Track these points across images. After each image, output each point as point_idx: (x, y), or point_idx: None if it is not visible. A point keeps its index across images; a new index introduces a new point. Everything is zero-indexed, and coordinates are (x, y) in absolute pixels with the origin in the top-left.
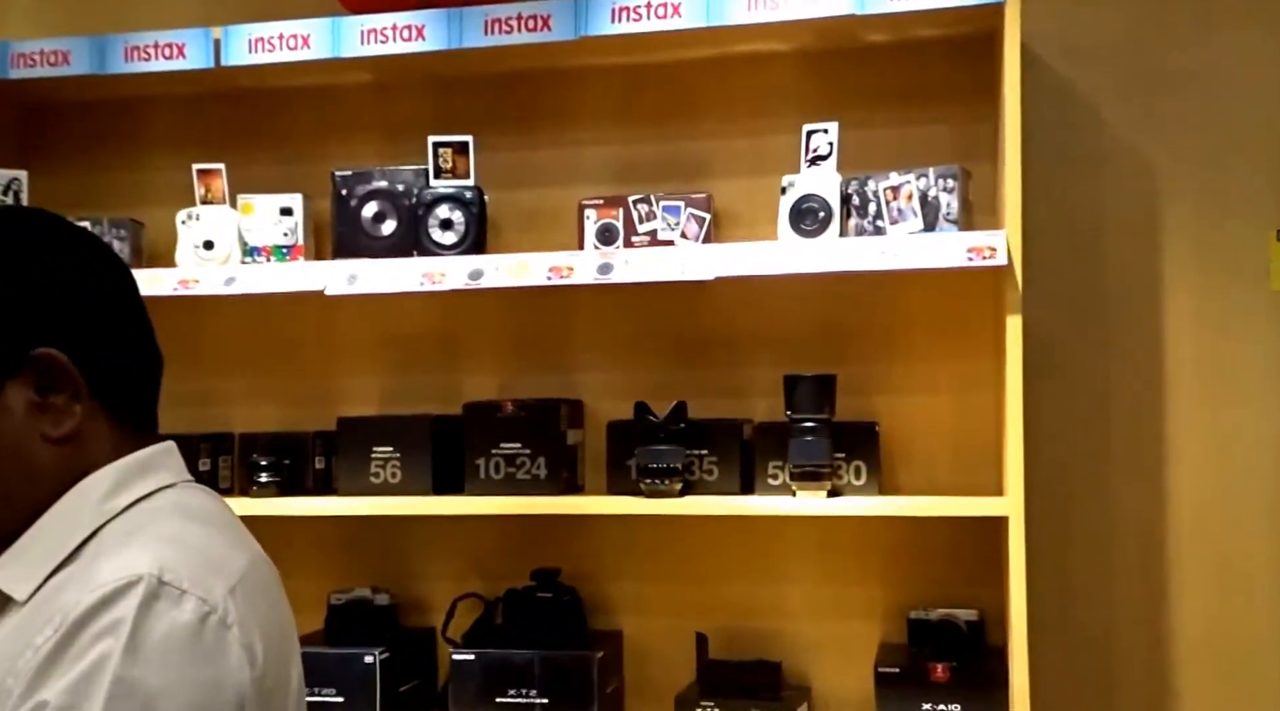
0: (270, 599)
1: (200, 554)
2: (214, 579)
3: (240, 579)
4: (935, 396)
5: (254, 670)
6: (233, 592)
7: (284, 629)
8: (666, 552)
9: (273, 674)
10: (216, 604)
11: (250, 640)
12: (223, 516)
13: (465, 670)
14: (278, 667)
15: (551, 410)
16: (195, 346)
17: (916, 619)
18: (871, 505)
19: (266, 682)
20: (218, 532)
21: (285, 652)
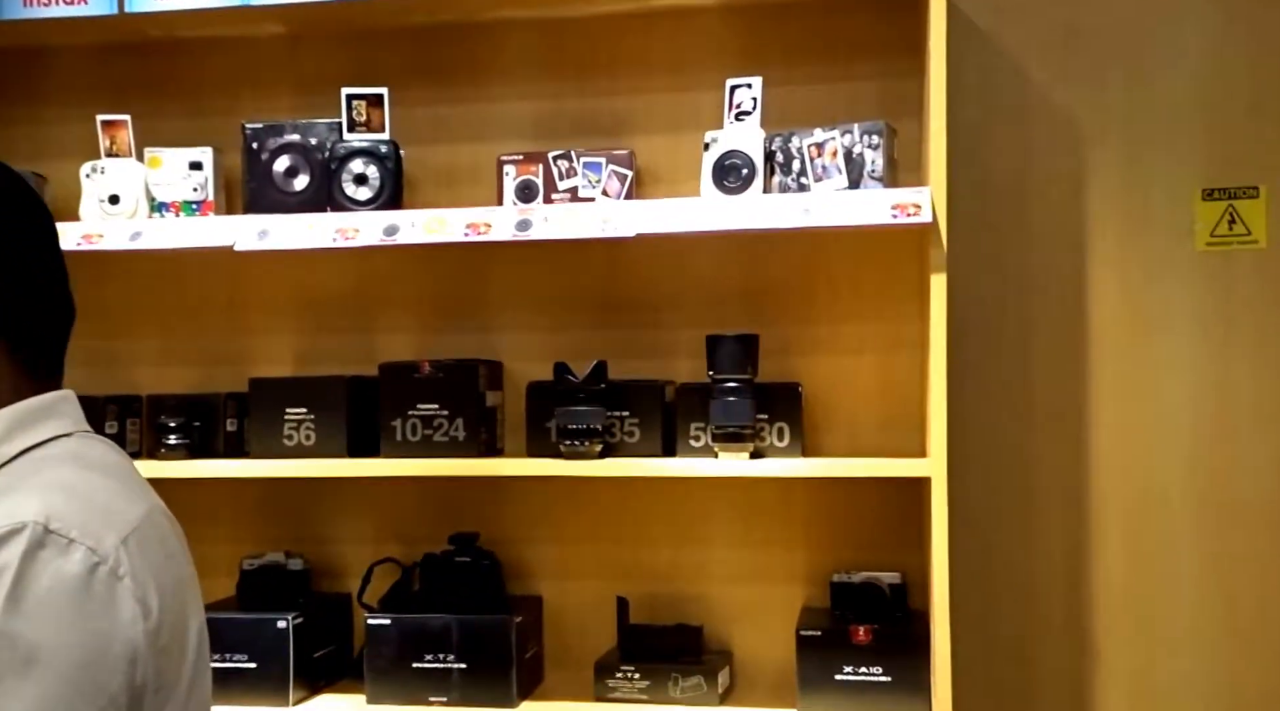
0: (168, 551)
1: (92, 502)
2: (105, 528)
3: (134, 529)
4: (860, 357)
5: (147, 623)
6: (125, 543)
7: (182, 583)
8: (587, 516)
9: (169, 629)
10: (107, 554)
11: (144, 593)
12: (121, 467)
13: (381, 635)
14: (174, 623)
15: (470, 371)
16: (101, 305)
17: (839, 582)
18: (794, 467)
19: (161, 638)
20: (114, 483)
21: (183, 607)
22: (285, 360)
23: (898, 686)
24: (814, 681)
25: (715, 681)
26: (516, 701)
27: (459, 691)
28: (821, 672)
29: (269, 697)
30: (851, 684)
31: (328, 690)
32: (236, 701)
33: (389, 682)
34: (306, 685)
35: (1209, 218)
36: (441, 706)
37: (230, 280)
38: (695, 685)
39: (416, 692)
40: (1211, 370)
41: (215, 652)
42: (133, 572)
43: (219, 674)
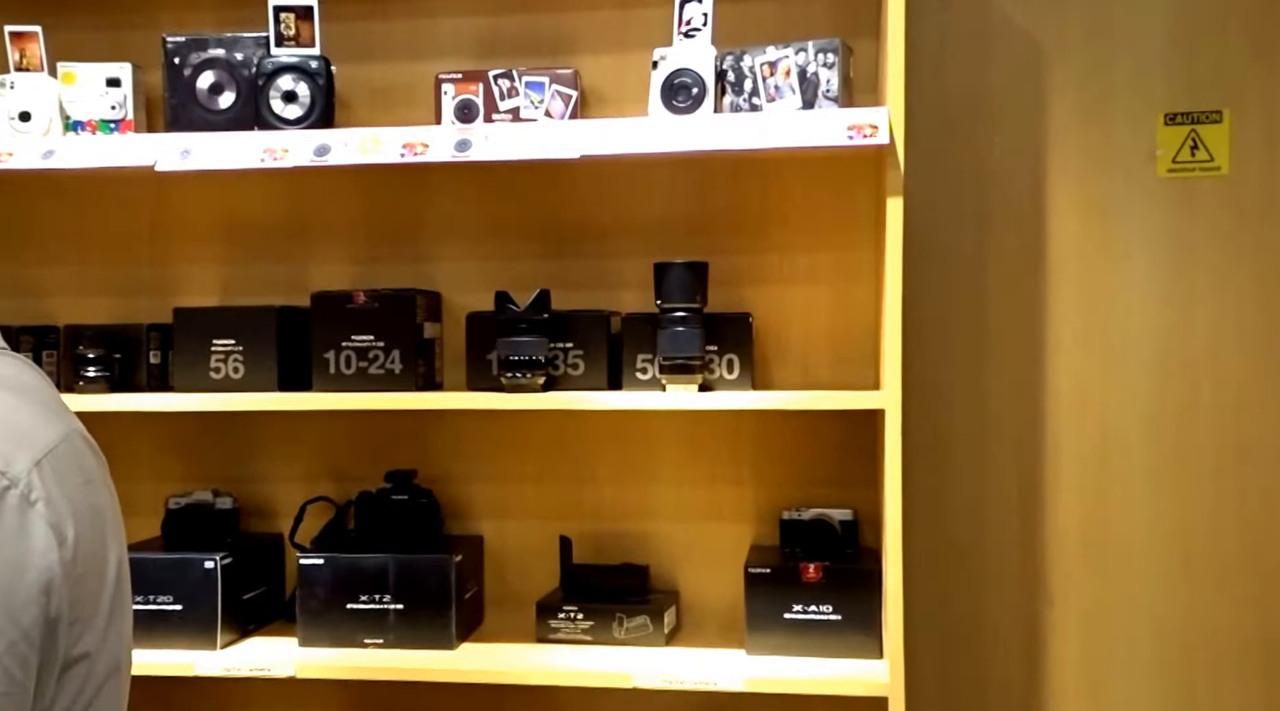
0: (86, 476)
1: (3, 423)
2: (17, 450)
3: (49, 452)
4: (812, 288)
5: (62, 552)
6: (39, 466)
7: (101, 511)
8: (529, 453)
9: (86, 559)
10: (18, 477)
11: (59, 519)
12: (39, 388)
13: (314, 575)
14: (92, 552)
15: (406, 301)
16: (16, 232)
17: (789, 519)
18: (745, 400)
19: (78, 567)
20: (28, 403)
21: (101, 536)
22: (212, 290)
23: (848, 625)
24: (762, 620)
25: (661, 621)
26: (455, 642)
27: (395, 633)
28: (770, 611)
29: (196, 640)
30: (801, 622)
31: (258, 633)
32: (162, 644)
33: (322, 624)
34: (236, 628)
35: (1171, 143)
36: (377, 648)
37: (153, 206)
38: (640, 625)
39: (351, 634)
40: (1173, 300)
41: (139, 594)
42: (47, 498)
43: (143, 616)
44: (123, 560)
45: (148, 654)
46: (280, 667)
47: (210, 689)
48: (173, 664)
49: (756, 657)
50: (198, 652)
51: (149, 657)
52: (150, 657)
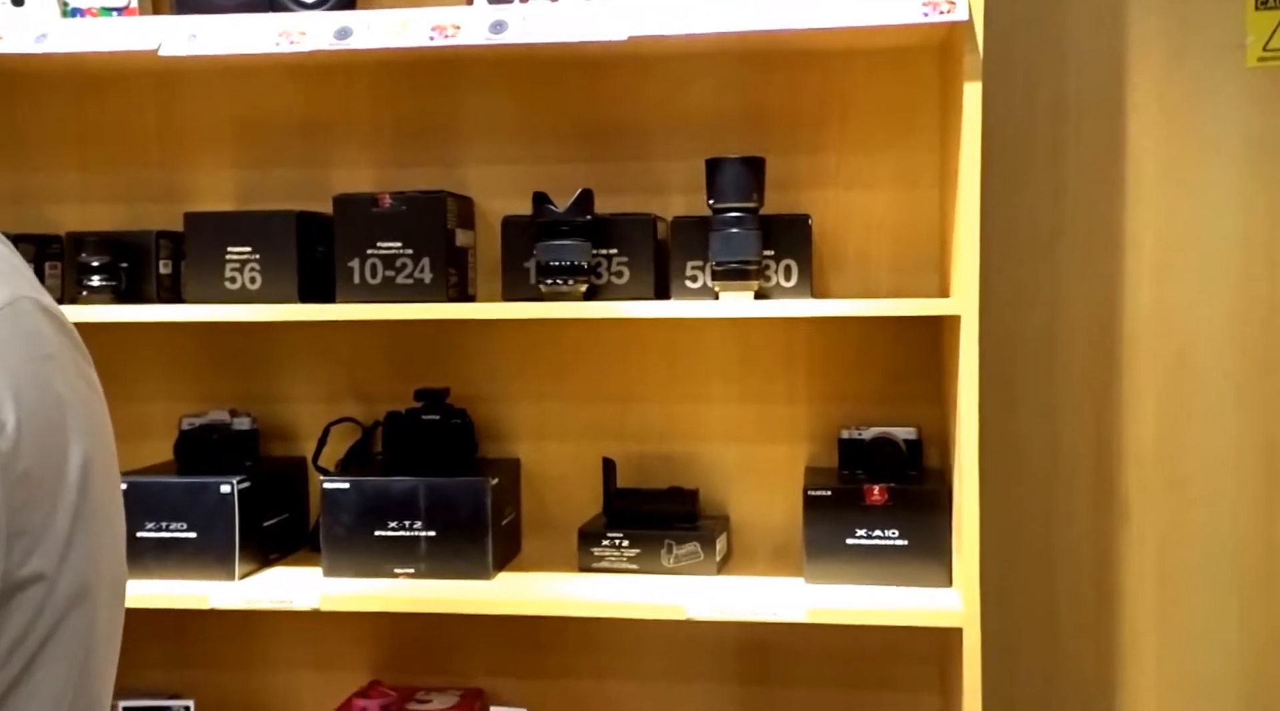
0: (41, 352)
1: None
2: None
3: None
4: (872, 192)
5: (1, 441)
6: None
7: (62, 401)
8: (569, 370)
9: (32, 452)
10: None
11: None
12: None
13: (339, 500)
14: (43, 445)
15: (436, 203)
16: (14, 133)
17: (848, 438)
18: (807, 307)
19: (20, 462)
20: None
21: (60, 429)
22: (226, 195)
23: (915, 551)
24: (822, 546)
25: (713, 548)
26: (492, 572)
27: (427, 562)
28: (831, 536)
29: (213, 570)
30: (864, 548)
31: (280, 562)
32: (176, 574)
33: (348, 553)
34: (255, 557)
35: (1262, 29)
36: (408, 578)
37: (160, 105)
38: (690, 552)
39: (379, 563)
40: (1261, 199)
41: (151, 521)
42: None
43: (155, 544)
44: (96, 463)
45: (160, 585)
46: (303, 599)
47: (229, 622)
48: (187, 596)
49: (816, 587)
50: (215, 583)
51: (161, 589)
52: (163, 589)
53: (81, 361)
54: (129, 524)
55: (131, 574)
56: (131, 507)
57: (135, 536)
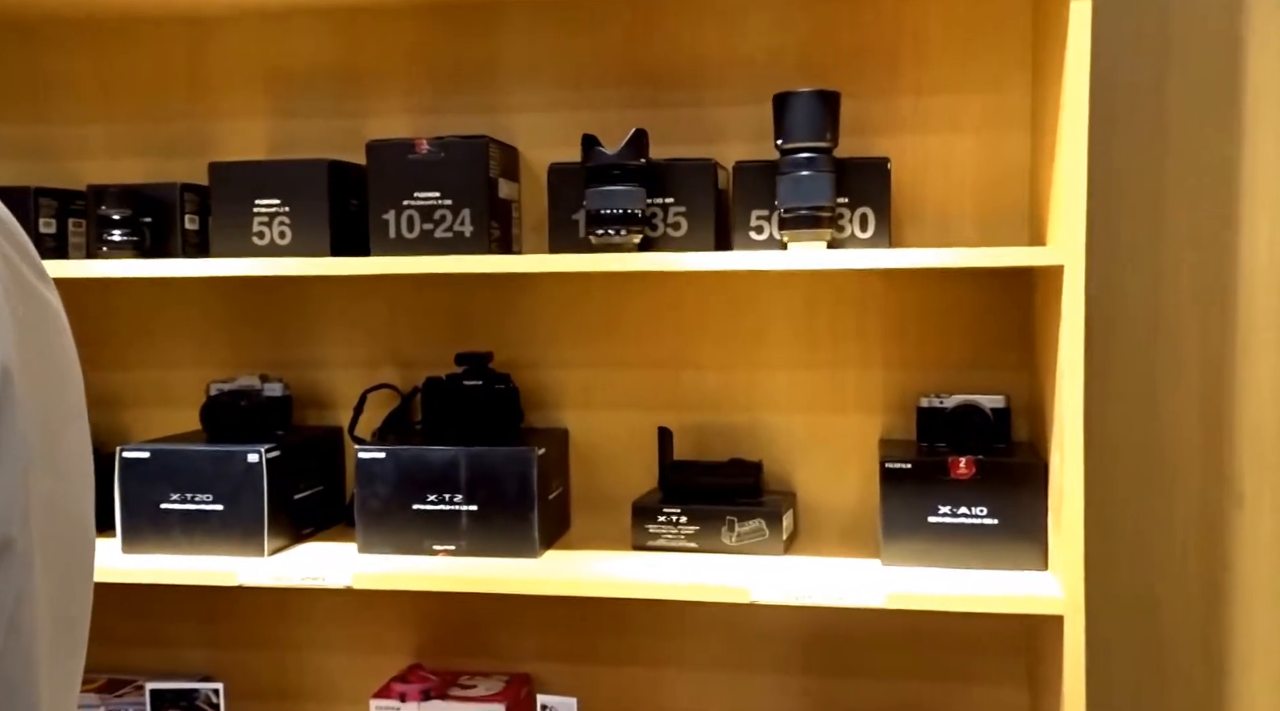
0: None
1: None
2: None
3: None
4: (954, 136)
5: None
6: None
7: None
8: (622, 332)
9: None
10: None
11: None
12: None
13: (374, 472)
14: None
15: (478, 149)
16: (38, 84)
17: (928, 407)
18: (887, 258)
19: None
20: None
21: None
22: (258, 146)
23: (1006, 530)
24: (901, 524)
25: (779, 526)
26: (539, 549)
27: (469, 538)
28: (911, 514)
29: (241, 545)
30: (948, 527)
31: (314, 537)
32: (202, 549)
33: (385, 528)
34: (286, 531)
35: None
36: (448, 555)
37: (190, 52)
38: (755, 530)
39: (417, 539)
40: None
41: (176, 492)
42: None
43: (180, 516)
44: (21, 385)
45: (186, 560)
46: (336, 576)
47: (261, 600)
48: (213, 572)
49: (894, 568)
50: (243, 559)
51: (186, 564)
52: (188, 564)
53: (20, 264)
54: (152, 493)
55: (157, 548)
56: (155, 477)
57: (159, 507)
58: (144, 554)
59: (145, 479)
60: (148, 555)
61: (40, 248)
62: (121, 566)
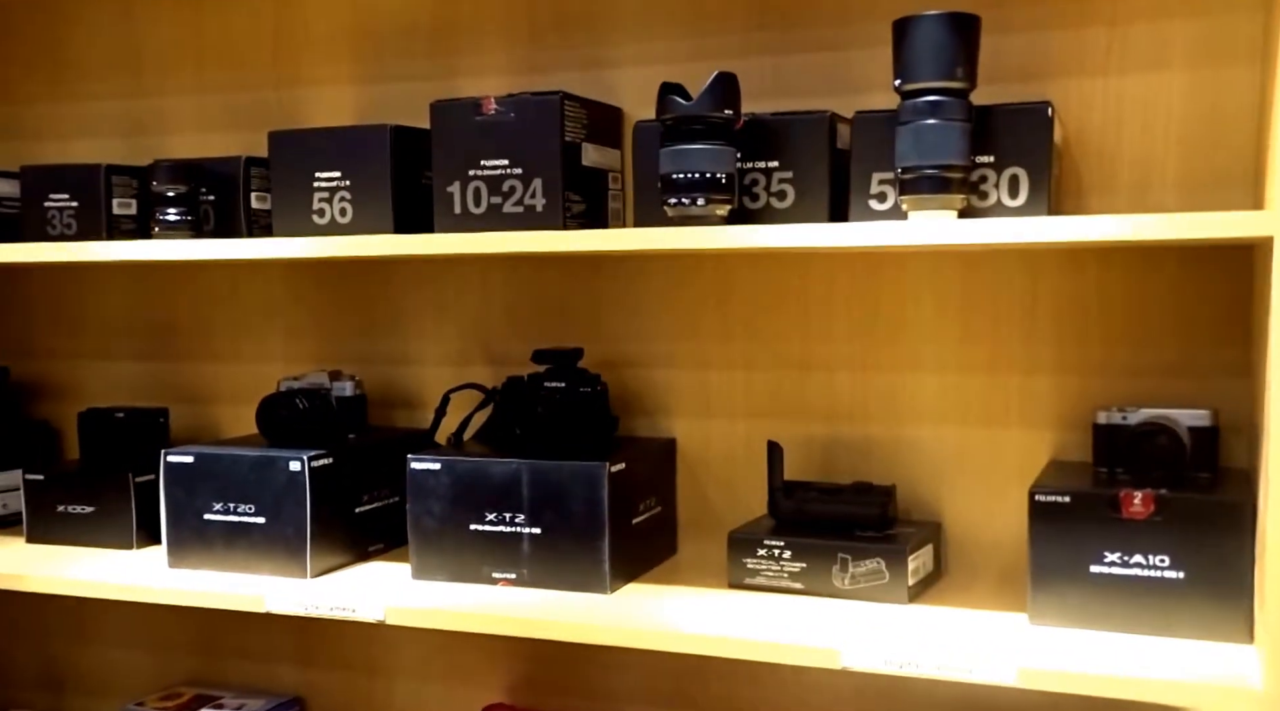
0: None
1: None
2: None
3: None
4: (1156, 73)
5: None
6: None
7: None
8: (737, 322)
9: None
10: None
11: None
12: None
13: (427, 484)
14: None
15: (551, 107)
16: (133, 56)
17: (1107, 424)
18: (1034, 230)
19: None
20: None
21: None
22: (344, 114)
23: (1195, 587)
24: (1055, 572)
25: (903, 566)
26: (610, 584)
27: (531, 566)
28: (1069, 560)
29: (282, 564)
30: (1117, 580)
31: (383, 555)
32: (244, 567)
33: (441, 550)
34: (345, 548)
35: None
36: (508, 585)
37: (279, 16)
38: (872, 571)
39: (476, 565)
40: None
41: (219, 501)
42: None
43: (223, 529)
44: None
45: (224, 578)
46: (368, 609)
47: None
48: (239, 595)
49: (1043, 629)
50: (281, 580)
51: (220, 585)
52: (221, 585)
53: None
54: (196, 502)
55: (199, 562)
56: (198, 484)
57: (203, 518)
58: (189, 569)
59: (189, 485)
60: (192, 571)
61: (116, 229)
62: (154, 583)
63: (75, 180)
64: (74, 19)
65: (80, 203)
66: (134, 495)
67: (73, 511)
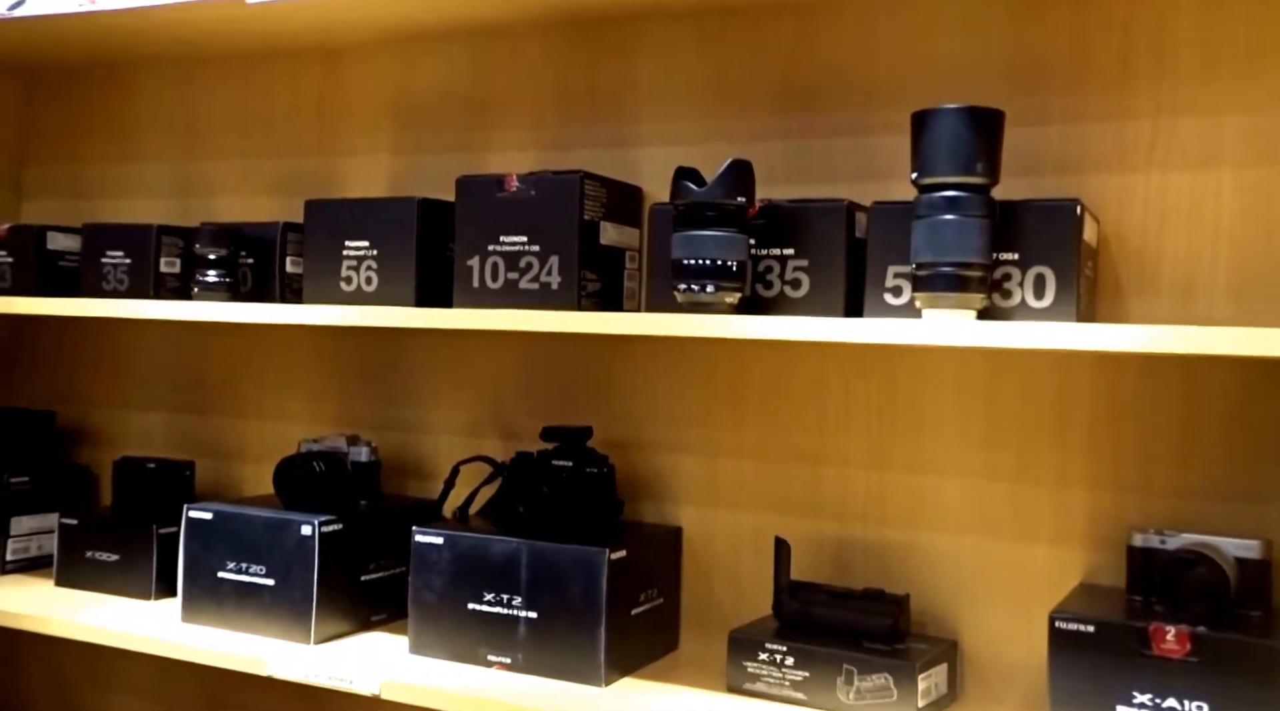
0: None
1: None
2: None
3: None
4: (1203, 171)
5: None
6: None
7: None
8: (751, 409)
9: None
10: None
11: None
12: None
13: (429, 558)
14: None
15: (570, 186)
16: (185, 121)
17: (1143, 547)
18: (1063, 336)
19: None
20: None
21: None
22: (379, 184)
23: None
24: (1078, 709)
25: (912, 684)
26: (604, 678)
27: (527, 652)
28: (1094, 697)
29: (287, 627)
30: None
31: (385, 626)
32: (249, 627)
33: (439, 627)
34: (349, 615)
35: None
36: (503, 668)
37: (324, 86)
38: (879, 687)
39: (472, 645)
40: None
41: (232, 560)
42: None
43: (235, 588)
44: None
45: (231, 638)
46: (364, 682)
47: (302, 689)
48: (244, 656)
49: None
50: (285, 644)
51: (226, 645)
52: (228, 645)
53: None
54: (211, 559)
55: (211, 619)
56: (215, 541)
57: (217, 576)
58: (201, 625)
59: (208, 542)
60: (204, 627)
61: (162, 287)
62: (165, 636)
63: (129, 239)
64: (137, 87)
65: (133, 260)
66: (156, 547)
67: (99, 558)
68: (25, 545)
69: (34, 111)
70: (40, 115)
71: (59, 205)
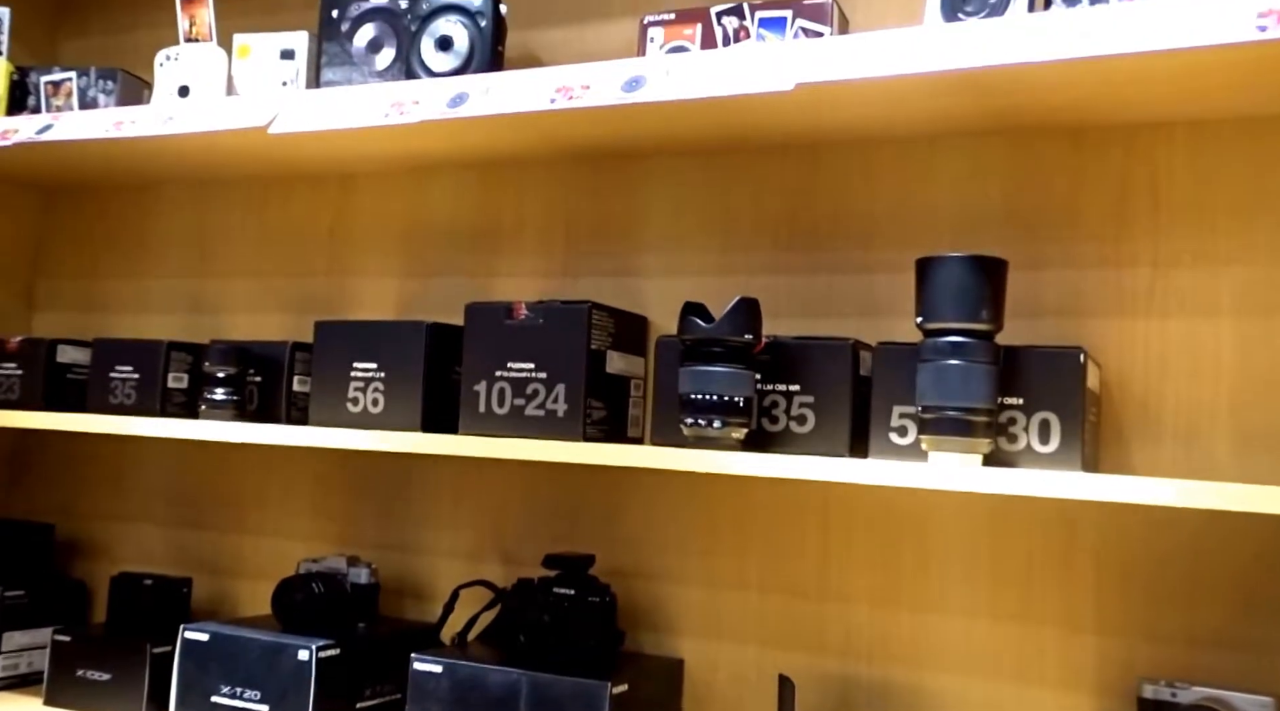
0: None
1: None
2: None
3: None
4: (1205, 319)
5: None
6: None
7: None
8: (755, 543)
9: None
10: None
11: None
12: None
13: (426, 686)
14: None
15: (578, 316)
16: (198, 240)
17: (1153, 700)
18: (1069, 485)
19: None
20: None
21: None
22: (388, 306)
23: None
24: None
25: None
26: None
27: None
28: None
29: None
30: None
31: None
32: None
33: None
34: None
35: None
36: None
37: (336, 209)
38: None
39: None
40: None
41: (226, 684)
42: None
43: None
44: None
45: None
46: None
47: None
48: None
49: None
50: None
51: None
52: None
53: None
54: (206, 682)
55: None
56: (211, 664)
57: (209, 700)
58: None
59: (203, 664)
60: None
61: (168, 402)
62: None
63: (139, 354)
64: (153, 204)
65: (141, 375)
66: (149, 666)
67: (91, 677)
68: (15, 661)
69: (50, 224)
70: (56, 228)
71: (71, 318)
